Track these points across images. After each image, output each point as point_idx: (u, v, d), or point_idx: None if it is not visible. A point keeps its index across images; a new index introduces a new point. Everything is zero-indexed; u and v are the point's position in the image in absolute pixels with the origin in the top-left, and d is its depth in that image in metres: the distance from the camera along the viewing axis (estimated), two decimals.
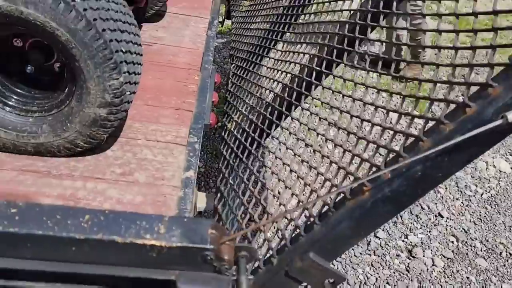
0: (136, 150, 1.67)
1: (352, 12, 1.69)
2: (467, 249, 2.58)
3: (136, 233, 0.74)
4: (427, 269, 2.42)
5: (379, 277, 2.31)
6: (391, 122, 2.56)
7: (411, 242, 2.57)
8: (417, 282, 2.37)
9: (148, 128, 1.80)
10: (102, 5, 1.32)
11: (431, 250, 2.54)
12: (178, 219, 0.82)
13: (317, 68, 1.61)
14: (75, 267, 0.78)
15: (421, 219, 2.75)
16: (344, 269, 2.33)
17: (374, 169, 0.90)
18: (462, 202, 2.93)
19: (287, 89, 1.78)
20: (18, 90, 1.49)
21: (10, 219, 0.71)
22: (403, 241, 2.59)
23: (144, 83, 2.05)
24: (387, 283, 2.33)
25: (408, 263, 2.45)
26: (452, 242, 2.63)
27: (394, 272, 2.39)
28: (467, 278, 2.42)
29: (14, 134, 1.46)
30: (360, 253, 2.44)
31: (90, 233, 0.72)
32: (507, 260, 2.61)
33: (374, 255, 2.46)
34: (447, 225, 2.74)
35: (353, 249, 2.46)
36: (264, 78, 2.12)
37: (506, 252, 2.65)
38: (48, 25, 1.23)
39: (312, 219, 0.96)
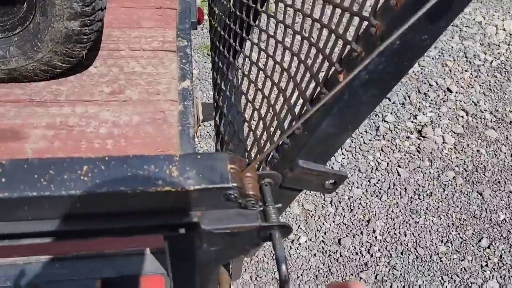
0: (121, 63, 1.49)
1: None
2: (477, 122, 2.53)
3: (145, 180, 0.63)
4: (438, 147, 2.40)
5: (390, 161, 2.29)
6: None
7: (420, 122, 2.51)
8: (428, 161, 2.37)
9: (130, 36, 1.58)
10: None
11: (441, 128, 2.49)
12: (190, 157, 0.69)
13: None
14: (82, 223, 0.68)
15: (429, 96, 2.65)
16: (354, 157, 2.31)
17: (347, 48, 0.72)
18: (471, 74, 2.80)
19: None
20: None
21: None
22: (412, 122, 2.53)
23: None
24: (399, 166, 2.32)
25: (419, 144, 2.42)
26: (462, 116, 2.58)
27: (405, 155, 2.37)
28: (477, 151, 2.41)
29: None
30: (370, 140, 2.40)
31: (92, 187, 0.61)
32: None
33: (384, 140, 2.42)
34: (456, 100, 2.66)
35: (361, 137, 2.41)
36: None
37: None
38: None
39: (293, 123, 0.82)
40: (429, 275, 2.06)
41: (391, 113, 2.52)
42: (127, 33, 1.60)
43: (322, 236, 2.11)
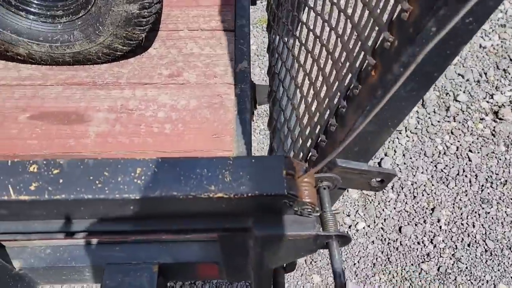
0: (180, 45, 1.47)
1: None
2: None
3: (198, 185, 0.61)
4: None
5: (460, 145, 2.12)
6: None
7: (497, 102, 2.29)
8: (504, 146, 2.17)
9: (189, 15, 1.56)
10: None
11: None
12: (244, 161, 0.66)
13: None
14: (131, 224, 0.68)
15: (509, 73, 2.39)
16: (420, 140, 2.17)
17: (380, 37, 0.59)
18: None
19: None
20: None
21: (54, 183, 0.59)
22: (487, 102, 2.31)
23: None
24: (470, 150, 2.14)
25: (494, 127, 2.21)
26: None
27: (477, 138, 2.18)
28: None
29: (48, 46, 1.31)
30: (438, 121, 2.23)
31: (145, 191, 0.60)
32: None
33: (454, 121, 2.24)
34: None
35: (429, 118, 2.25)
36: None
37: None
38: None
39: (329, 121, 0.74)
40: (498, 270, 1.92)
41: (464, 92, 2.32)
42: (186, 12, 1.58)
43: (382, 223, 2.03)
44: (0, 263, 0.99)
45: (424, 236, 2.02)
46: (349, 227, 2.00)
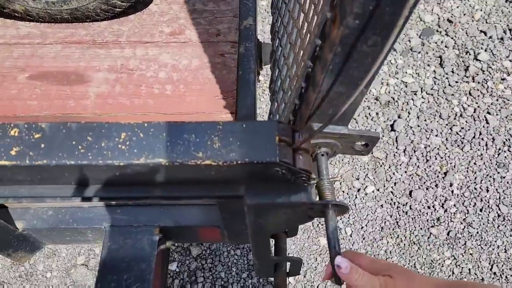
0: (182, 0, 1.40)
1: None
2: None
3: (185, 151, 0.58)
4: None
5: (478, 106, 2.04)
6: None
7: None
8: None
9: None
10: None
11: None
12: (235, 127, 0.62)
13: None
14: (117, 191, 0.66)
15: None
16: (436, 101, 2.08)
17: None
18: None
19: None
20: None
21: (35, 148, 0.57)
22: (510, 61, 2.19)
23: None
24: (488, 112, 2.06)
25: None
26: None
27: (497, 100, 2.09)
28: None
29: (44, 2, 1.26)
30: (456, 82, 2.14)
31: (129, 157, 0.57)
32: None
33: (473, 82, 2.14)
34: None
35: (446, 78, 2.16)
36: None
37: None
38: None
39: (301, 84, 0.67)
40: (511, 235, 1.88)
41: (485, 50, 2.20)
42: None
43: (392, 187, 1.99)
44: (3, 224, 0.99)
45: (435, 200, 1.98)
46: (358, 190, 1.97)
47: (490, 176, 2.02)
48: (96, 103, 1.21)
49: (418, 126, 2.09)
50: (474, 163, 2.06)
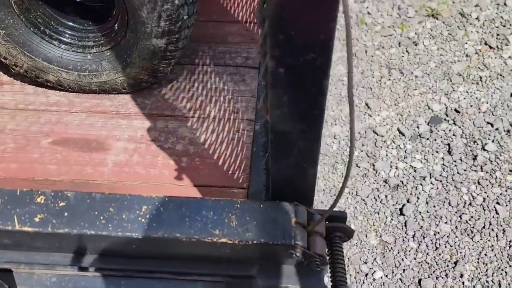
0: (204, 79, 1.49)
1: None
2: None
3: (203, 228, 0.59)
4: None
5: (487, 196, 2.04)
6: None
7: None
8: None
9: (216, 51, 1.59)
10: None
11: None
12: (252, 206, 0.64)
13: None
14: (135, 262, 0.66)
15: None
16: (445, 188, 2.10)
17: None
18: None
19: None
20: (71, 24, 1.35)
21: (59, 216, 0.59)
22: None
23: None
24: (497, 203, 2.05)
25: None
26: None
27: (506, 190, 2.09)
28: None
29: (76, 74, 1.35)
30: (465, 170, 2.16)
31: (148, 230, 0.58)
32: None
33: (482, 171, 2.16)
34: None
35: (455, 165, 2.18)
36: None
37: None
38: None
39: None
40: None
41: (492, 141, 2.25)
42: (213, 48, 1.60)
43: (400, 274, 1.93)
44: None
45: None
46: (366, 275, 1.92)
47: (502, 270, 1.97)
48: (112, 170, 1.25)
49: (427, 212, 2.08)
50: (485, 254, 2.01)
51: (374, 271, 1.94)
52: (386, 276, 1.93)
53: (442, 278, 1.95)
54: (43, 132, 1.33)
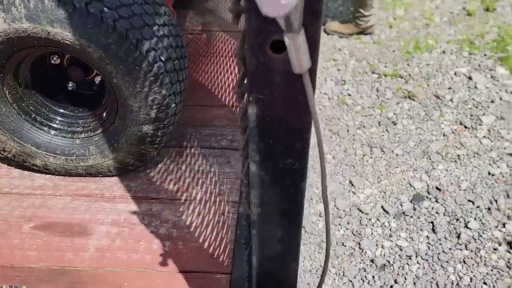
0: (190, 161, 1.53)
1: None
2: None
3: None
4: None
5: (474, 276, 2.01)
6: None
7: (510, 232, 2.22)
8: None
9: (202, 133, 1.65)
10: (134, 11, 1.16)
11: None
12: None
13: None
14: None
15: None
16: (431, 268, 2.07)
17: None
18: None
19: None
20: (62, 111, 1.40)
21: None
22: (500, 231, 2.24)
23: (194, 79, 1.90)
24: (484, 283, 2.02)
25: (509, 258, 2.12)
26: None
27: (491, 270, 2.07)
28: None
29: (63, 159, 1.38)
30: (450, 249, 2.15)
31: None
32: None
33: (466, 249, 2.15)
34: None
35: (440, 244, 2.18)
36: None
37: None
38: (78, 42, 1.10)
39: None
40: None
41: (474, 219, 2.28)
42: (199, 131, 1.67)
43: None
44: None
45: None
46: None
47: None
48: (94, 256, 1.23)
49: None
50: None
51: None
52: None
53: None
54: (25, 217, 1.32)
